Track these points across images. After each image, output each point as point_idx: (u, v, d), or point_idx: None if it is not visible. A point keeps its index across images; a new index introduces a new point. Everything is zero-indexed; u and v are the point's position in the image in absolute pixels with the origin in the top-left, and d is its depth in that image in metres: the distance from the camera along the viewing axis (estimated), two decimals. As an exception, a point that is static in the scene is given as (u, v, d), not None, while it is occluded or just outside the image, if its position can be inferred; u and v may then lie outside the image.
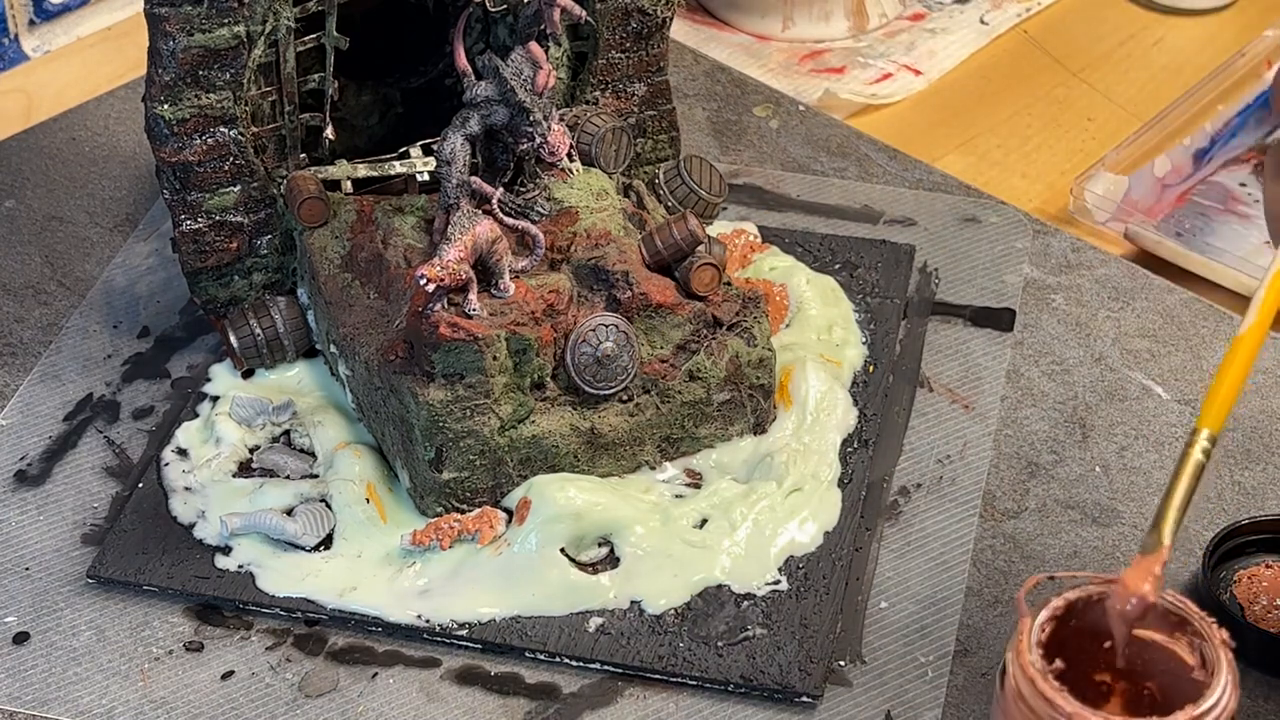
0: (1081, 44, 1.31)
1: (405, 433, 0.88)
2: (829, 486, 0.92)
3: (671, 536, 0.89)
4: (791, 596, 0.87)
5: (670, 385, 0.91)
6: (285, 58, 0.93)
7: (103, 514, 0.92)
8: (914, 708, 0.83)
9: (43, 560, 0.90)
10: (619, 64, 1.01)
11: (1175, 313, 1.03)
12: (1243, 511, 0.91)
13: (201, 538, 0.90)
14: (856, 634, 0.87)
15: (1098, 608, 0.71)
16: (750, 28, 1.32)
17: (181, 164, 0.93)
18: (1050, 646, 0.70)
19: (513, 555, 0.88)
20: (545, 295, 0.89)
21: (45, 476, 0.94)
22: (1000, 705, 0.70)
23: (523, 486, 0.90)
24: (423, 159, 0.99)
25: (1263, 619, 0.86)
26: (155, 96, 0.91)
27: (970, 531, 0.91)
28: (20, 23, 1.27)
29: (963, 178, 1.14)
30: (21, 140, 1.19)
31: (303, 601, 0.87)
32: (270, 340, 0.97)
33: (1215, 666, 0.68)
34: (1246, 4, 1.32)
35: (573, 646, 0.85)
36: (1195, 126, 1.17)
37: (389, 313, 0.92)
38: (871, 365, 1.00)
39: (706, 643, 0.85)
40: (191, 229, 0.95)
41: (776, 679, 0.84)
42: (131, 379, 1.00)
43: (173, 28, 0.89)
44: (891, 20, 1.32)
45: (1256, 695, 0.83)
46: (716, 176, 1.05)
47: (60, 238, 1.11)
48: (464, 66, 0.95)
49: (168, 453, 0.95)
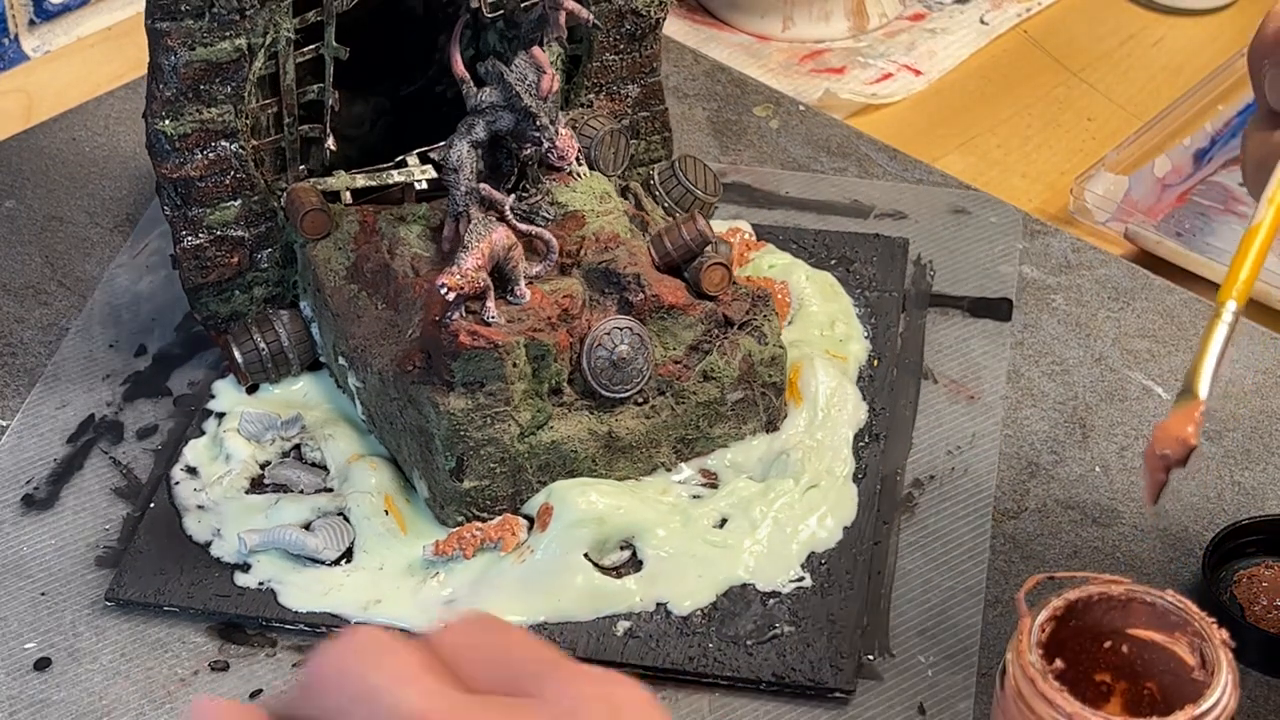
0: (1081, 44, 1.31)
1: (424, 443, 0.88)
2: (845, 482, 0.92)
3: (693, 537, 0.89)
4: (816, 593, 0.88)
5: (685, 386, 0.91)
6: (285, 69, 0.92)
7: (115, 535, 0.92)
8: (946, 699, 0.84)
9: (58, 584, 0.89)
10: (613, 66, 1.01)
11: (1175, 313, 1.04)
12: (1243, 511, 0.91)
13: (219, 556, 0.89)
14: (883, 627, 0.87)
15: (1098, 608, 0.71)
16: (750, 28, 1.32)
17: (183, 179, 0.92)
18: (1050, 646, 0.69)
19: (537, 562, 0.87)
20: (560, 300, 0.89)
21: (54, 500, 0.93)
22: (1000, 705, 0.70)
23: (543, 493, 0.89)
24: (420, 167, 0.99)
25: (1263, 619, 0.86)
26: (156, 112, 0.90)
27: (987, 521, 0.92)
28: (20, 23, 1.27)
29: (963, 178, 1.15)
30: (21, 140, 1.19)
31: (326, 616, 0.87)
32: (275, 354, 0.97)
33: (1215, 667, 0.68)
34: (1246, 4, 1.33)
35: (603, 651, 0.85)
36: (1195, 126, 1.17)
37: (399, 323, 0.91)
38: (876, 359, 1.00)
39: (736, 642, 0.85)
40: (193, 244, 0.95)
41: (809, 676, 0.84)
42: (132, 398, 0.99)
43: (174, 42, 0.88)
44: (891, 20, 1.33)
45: (1257, 696, 0.83)
46: (711, 176, 1.06)
47: (60, 238, 1.10)
48: (462, 73, 0.94)
49: (177, 471, 0.94)
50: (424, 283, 0.91)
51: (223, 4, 0.87)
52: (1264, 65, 0.76)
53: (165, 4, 0.87)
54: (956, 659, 0.86)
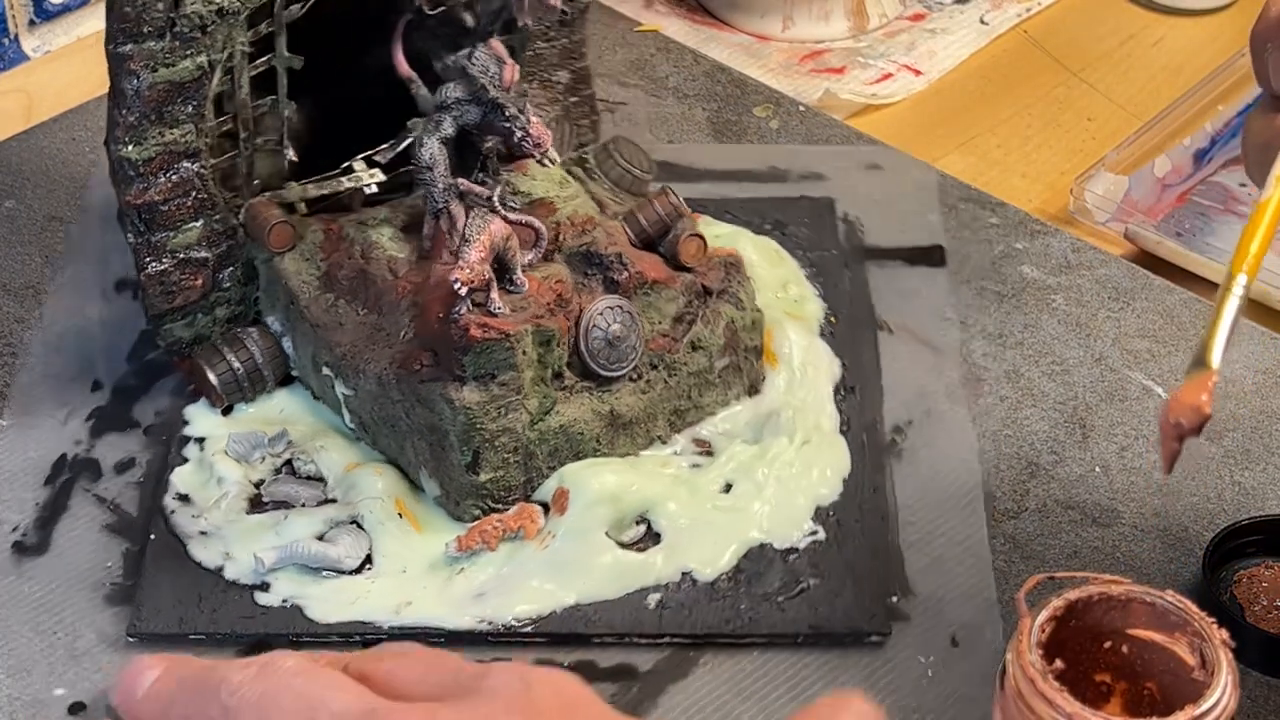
0: (1081, 44, 1.31)
1: (435, 441, 0.88)
2: (834, 435, 0.95)
3: (703, 505, 0.91)
4: (832, 544, 0.90)
5: (675, 359, 0.93)
6: (240, 84, 0.91)
7: (118, 572, 0.90)
8: (974, 628, 0.87)
9: (71, 627, 0.87)
10: (545, 54, 1.02)
11: (1175, 313, 1.05)
12: (1243, 511, 0.92)
13: (234, 578, 0.88)
14: (899, 569, 0.90)
15: (1098, 608, 0.71)
16: (750, 28, 1.32)
17: (147, 205, 0.91)
18: (1050, 647, 0.69)
19: (559, 546, 0.88)
20: (553, 286, 0.90)
21: (46, 543, 0.91)
22: (1000, 705, 0.70)
23: (554, 478, 0.90)
24: (368, 171, 0.98)
25: (1263, 619, 0.86)
26: (120, 139, 0.88)
27: (971, 443, 0.95)
28: (20, 23, 1.25)
29: (963, 178, 1.15)
30: (21, 140, 1.17)
31: (358, 625, 0.86)
32: (250, 372, 0.96)
33: (1215, 667, 0.68)
34: (1247, 4, 1.34)
35: (639, 625, 0.86)
36: (1195, 126, 1.17)
37: (385, 326, 0.91)
38: (833, 317, 1.03)
39: (766, 600, 0.87)
40: (157, 270, 0.93)
41: (844, 624, 0.86)
42: (100, 433, 0.97)
43: (137, 65, 0.86)
44: (892, 20, 1.33)
45: (1257, 696, 0.84)
46: (644, 154, 1.07)
47: (60, 238, 1.09)
48: (408, 73, 0.95)
49: (169, 501, 0.92)
50: (406, 283, 0.91)
51: (184, 21, 0.86)
52: (1267, 49, 0.77)
53: (127, 26, 0.85)
54: (973, 590, 0.89)
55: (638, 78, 1.22)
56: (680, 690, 0.84)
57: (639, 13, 1.31)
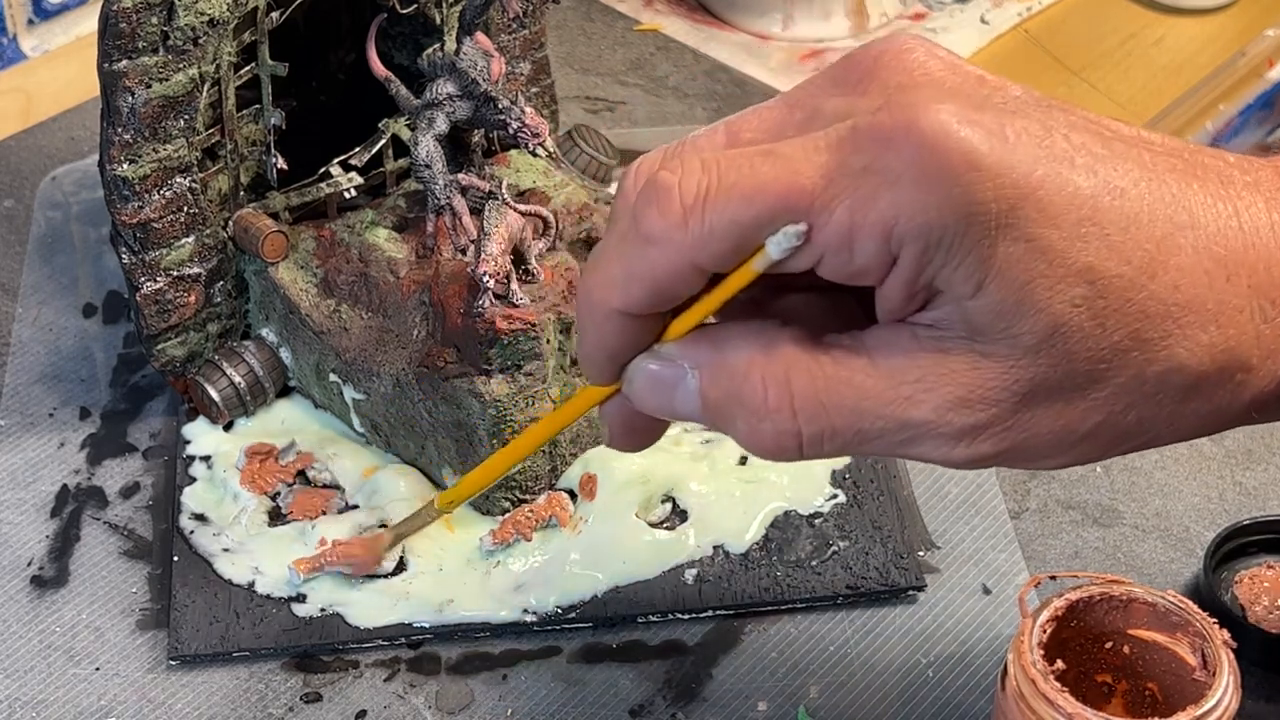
0: (1082, 43, 1.32)
1: (463, 437, 0.88)
2: (835, 400, 0.96)
3: (724, 479, 0.92)
4: (854, 506, 0.91)
5: (680, 337, 0.93)
6: (227, 94, 0.90)
7: (145, 598, 0.88)
8: (1003, 575, 0.89)
9: (109, 657, 0.86)
10: (507, 46, 1.02)
11: None
12: (1244, 512, 0.91)
13: (267, 593, 0.87)
14: (919, 524, 0.92)
15: (1099, 608, 0.71)
16: (750, 27, 1.32)
17: (141, 223, 0.89)
18: (1051, 647, 0.69)
19: (593, 531, 0.89)
20: (564, 273, 0.90)
21: (65, 576, 0.89)
22: (1000, 705, 0.70)
23: (577, 464, 0.91)
24: (345, 175, 0.98)
25: (1264, 620, 0.86)
26: (115, 158, 0.87)
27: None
28: (19, 22, 1.23)
29: None
30: (21, 140, 1.15)
31: (403, 627, 0.86)
32: (251, 386, 0.95)
33: (1217, 667, 0.68)
34: (1247, 4, 1.34)
35: (681, 602, 0.87)
36: (1196, 126, 1.19)
37: (393, 327, 0.91)
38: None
39: (800, 566, 0.89)
40: (152, 290, 0.92)
41: (880, 581, 0.88)
42: (98, 461, 0.95)
43: (132, 82, 0.85)
44: (892, 19, 1.34)
45: (1258, 696, 0.85)
46: (606, 141, 1.08)
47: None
48: (384, 72, 0.94)
49: (186, 521, 0.91)
50: (409, 283, 0.91)
51: (178, 34, 0.85)
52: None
53: (121, 43, 0.84)
54: (996, 538, 0.91)
55: (637, 77, 1.23)
56: (731, 660, 0.85)
57: (639, 12, 1.31)
